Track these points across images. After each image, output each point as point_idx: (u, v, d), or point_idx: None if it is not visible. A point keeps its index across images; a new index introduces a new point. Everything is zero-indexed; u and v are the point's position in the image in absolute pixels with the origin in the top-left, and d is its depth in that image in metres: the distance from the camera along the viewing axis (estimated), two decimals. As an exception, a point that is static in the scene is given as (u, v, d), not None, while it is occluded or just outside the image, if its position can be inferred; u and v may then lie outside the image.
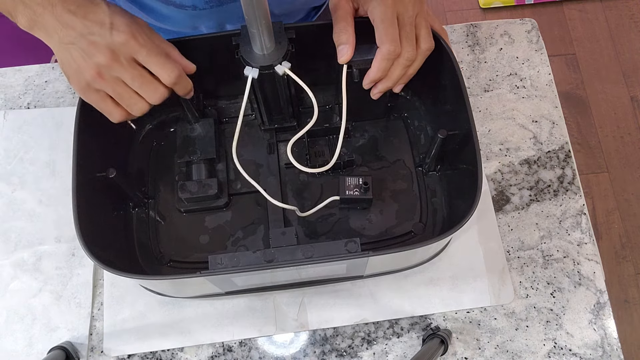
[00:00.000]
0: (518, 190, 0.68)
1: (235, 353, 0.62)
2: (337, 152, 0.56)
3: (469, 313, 0.63)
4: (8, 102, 0.73)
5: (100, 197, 0.57)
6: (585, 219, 0.67)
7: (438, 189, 0.64)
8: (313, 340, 0.62)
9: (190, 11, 0.63)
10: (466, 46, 0.76)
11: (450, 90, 0.58)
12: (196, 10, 0.63)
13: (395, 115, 0.68)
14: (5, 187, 0.68)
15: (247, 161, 0.65)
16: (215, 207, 0.63)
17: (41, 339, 0.62)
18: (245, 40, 0.53)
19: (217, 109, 0.67)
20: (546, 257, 0.65)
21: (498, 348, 0.62)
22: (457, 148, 0.59)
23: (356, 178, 0.61)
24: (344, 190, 0.60)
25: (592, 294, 0.64)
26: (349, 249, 0.49)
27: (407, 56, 0.52)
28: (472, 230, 0.66)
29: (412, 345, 0.62)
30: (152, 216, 0.63)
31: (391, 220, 0.63)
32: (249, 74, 0.53)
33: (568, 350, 0.62)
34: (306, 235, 0.62)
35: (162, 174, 0.65)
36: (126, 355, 0.62)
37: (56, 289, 0.64)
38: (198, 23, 0.66)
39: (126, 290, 0.63)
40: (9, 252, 0.66)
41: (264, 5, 0.47)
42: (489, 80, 0.74)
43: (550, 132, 0.71)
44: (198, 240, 0.62)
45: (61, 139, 0.70)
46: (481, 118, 0.72)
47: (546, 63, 0.74)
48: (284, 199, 0.63)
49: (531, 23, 0.77)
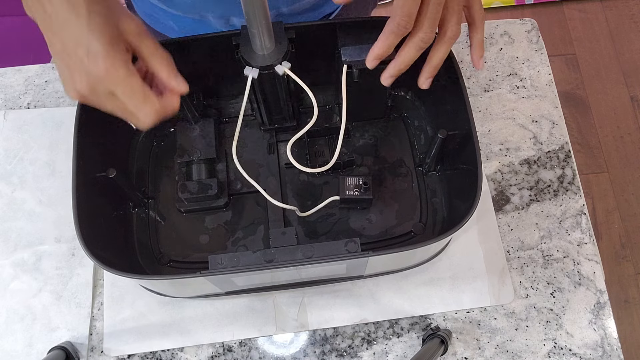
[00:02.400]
0: (518, 190, 0.68)
1: (235, 353, 0.62)
2: (336, 152, 0.56)
3: (469, 313, 0.63)
4: (8, 102, 0.73)
5: (100, 197, 0.57)
6: (585, 219, 0.67)
7: (438, 189, 0.64)
8: (313, 340, 0.62)
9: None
10: (466, 46, 0.76)
11: (450, 90, 0.58)
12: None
13: (395, 115, 0.68)
14: (5, 187, 0.68)
15: (247, 161, 0.65)
16: (215, 207, 0.63)
17: (41, 339, 0.62)
18: (245, 40, 0.53)
19: (217, 109, 0.67)
20: (546, 257, 0.65)
21: (498, 348, 0.62)
22: (457, 148, 0.59)
23: (356, 178, 0.61)
24: (344, 190, 0.60)
25: (592, 294, 0.64)
26: (349, 249, 0.49)
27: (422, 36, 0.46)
28: (472, 230, 0.66)
29: (412, 345, 0.62)
30: (152, 216, 0.63)
31: (391, 220, 0.63)
32: (249, 74, 0.53)
33: (568, 350, 0.62)
34: (306, 235, 0.62)
35: (162, 174, 0.65)
36: (126, 355, 0.62)
37: (56, 289, 0.64)
38: (204, 10, 0.65)
39: (126, 290, 0.63)
40: (9, 252, 0.66)
41: (264, 5, 0.47)
42: (489, 80, 0.74)
43: (550, 132, 0.71)
44: (198, 240, 0.62)
45: (61, 139, 0.70)
46: (481, 118, 0.72)
47: (546, 63, 0.74)
48: (284, 199, 0.63)
49: (531, 23, 0.77)
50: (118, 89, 0.42)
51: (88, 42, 0.41)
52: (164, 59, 0.46)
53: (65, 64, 0.43)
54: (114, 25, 0.43)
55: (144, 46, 0.45)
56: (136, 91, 0.43)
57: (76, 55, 0.42)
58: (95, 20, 0.41)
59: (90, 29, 0.41)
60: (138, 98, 0.43)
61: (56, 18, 0.42)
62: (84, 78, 0.42)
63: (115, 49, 0.42)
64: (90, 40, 0.41)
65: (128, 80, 0.42)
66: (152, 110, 0.44)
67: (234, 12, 0.65)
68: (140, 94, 0.43)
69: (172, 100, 0.47)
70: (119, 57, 0.42)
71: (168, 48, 0.57)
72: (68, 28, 0.42)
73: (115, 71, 0.42)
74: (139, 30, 0.44)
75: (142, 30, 0.45)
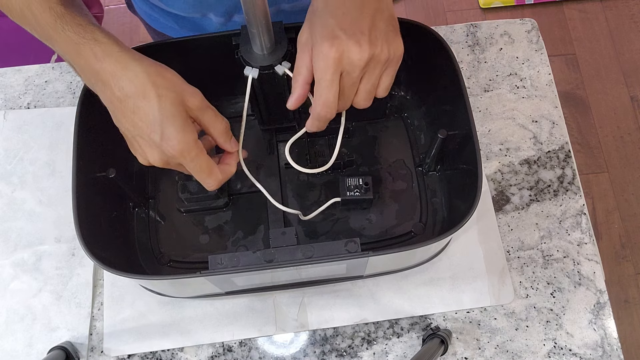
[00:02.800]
0: (518, 190, 0.68)
1: (235, 353, 0.62)
2: (335, 153, 0.56)
3: (469, 313, 0.63)
4: (8, 102, 0.73)
5: (100, 197, 0.57)
6: (585, 219, 0.67)
7: (438, 189, 0.64)
8: (313, 340, 0.62)
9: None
10: (466, 46, 0.76)
11: (450, 90, 0.58)
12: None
13: (395, 115, 0.68)
14: (5, 187, 0.68)
15: (247, 161, 0.65)
16: (215, 207, 0.63)
17: (41, 339, 0.62)
18: (245, 40, 0.53)
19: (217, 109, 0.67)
20: (546, 257, 0.65)
21: (498, 348, 0.62)
22: (457, 148, 0.59)
23: (356, 178, 0.61)
24: (344, 191, 0.60)
25: (592, 294, 0.64)
26: (349, 249, 0.49)
27: (341, 107, 0.49)
28: (472, 230, 0.66)
29: (412, 345, 0.62)
30: (152, 216, 0.63)
31: (391, 220, 0.63)
32: (249, 74, 0.53)
33: (568, 350, 0.62)
34: (306, 235, 0.62)
35: (162, 174, 0.65)
36: (126, 355, 0.62)
37: (56, 289, 0.64)
38: (206, 9, 0.65)
39: (126, 290, 0.63)
40: (9, 252, 0.66)
41: (264, 5, 0.47)
42: (489, 80, 0.74)
43: (550, 132, 0.71)
44: (198, 240, 0.62)
45: (61, 139, 0.70)
46: (481, 118, 0.72)
47: (546, 63, 0.74)
48: (284, 199, 0.63)
49: (531, 23, 0.77)
50: (189, 165, 0.47)
51: (162, 128, 0.44)
52: (221, 127, 0.50)
53: (137, 142, 0.47)
54: (182, 104, 0.46)
55: (206, 117, 0.48)
56: (204, 168, 0.48)
57: (150, 137, 0.45)
58: (166, 105, 0.44)
59: (162, 115, 0.44)
60: (205, 172, 0.48)
61: (127, 103, 0.44)
62: (157, 155, 0.47)
63: (186, 129, 0.45)
64: (164, 126, 0.44)
65: (197, 159, 0.47)
66: (216, 181, 0.50)
67: (235, 10, 0.65)
68: (206, 169, 0.48)
69: (231, 167, 0.52)
70: (190, 138, 0.46)
71: (168, 48, 0.58)
72: (140, 113, 0.44)
73: (188, 152, 0.46)
74: (202, 105, 0.48)
75: (204, 104, 0.48)
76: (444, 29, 0.76)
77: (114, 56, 0.45)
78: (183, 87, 0.47)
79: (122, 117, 0.46)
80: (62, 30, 0.45)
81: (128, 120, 0.45)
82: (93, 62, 0.45)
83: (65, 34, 0.45)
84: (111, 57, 0.45)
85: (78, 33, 0.45)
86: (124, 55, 0.45)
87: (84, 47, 0.45)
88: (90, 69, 0.45)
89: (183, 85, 0.47)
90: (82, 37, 0.45)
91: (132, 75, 0.44)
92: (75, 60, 0.46)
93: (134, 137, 0.47)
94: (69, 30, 0.45)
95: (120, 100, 0.45)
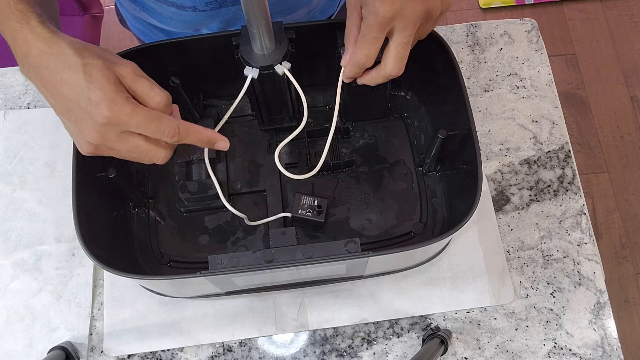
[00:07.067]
0: (518, 190, 0.68)
1: (235, 353, 0.62)
2: (323, 156, 0.55)
3: (469, 313, 0.63)
4: (8, 102, 0.73)
5: (100, 197, 0.57)
6: (585, 219, 0.67)
7: (438, 189, 0.64)
8: (313, 340, 0.62)
9: (190, 12, 0.63)
10: (466, 46, 0.76)
11: (450, 90, 0.58)
12: (196, 11, 0.62)
13: (395, 115, 0.68)
14: (5, 187, 0.68)
15: (247, 161, 0.65)
16: (215, 207, 0.63)
17: (41, 339, 0.62)
18: (245, 40, 0.53)
19: (217, 109, 0.67)
20: (546, 257, 0.65)
21: (498, 348, 0.62)
22: (457, 148, 0.59)
23: (312, 198, 0.60)
24: (297, 208, 0.59)
25: (592, 294, 0.64)
26: (349, 249, 0.49)
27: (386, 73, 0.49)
28: (472, 230, 0.66)
29: (412, 345, 0.62)
30: (152, 216, 0.63)
31: (391, 221, 0.63)
32: (249, 74, 0.53)
33: (568, 350, 0.62)
34: (306, 235, 0.62)
35: (162, 174, 0.65)
36: (126, 355, 0.62)
37: (56, 289, 0.64)
38: (199, 25, 0.66)
39: (126, 290, 0.63)
40: (9, 252, 0.66)
41: (264, 5, 0.47)
42: (489, 80, 0.74)
43: (550, 132, 0.71)
44: (198, 240, 0.62)
45: (61, 139, 0.70)
46: (481, 118, 0.72)
47: (546, 63, 0.74)
48: (284, 199, 0.63)
49: (531, 23, 0.77)
50: (131, 122, 0.42)
51: (88, 92, 0.42)
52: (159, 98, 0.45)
53: (71, 120, 0.44)
54: (110, 71, 0.43)
55: (140, 86, 0.44)
56: (149, 115, 0.43)
57: (79, 107, 0.42)
58: (92, 72, 0.42)
59: (88, 81, 0.42)
60: (153, 119, 0.43)
61: (54, 79, 0.42)
62: (91, 127, 0.43)
63: (114, 90, 0.42)
64: (90, 91, 0.42)
65: (136, 111, 0.42)
66: (174, 125, 0.44)
67: (229, 23, 0.65)
68: (153, 115, 0.43)
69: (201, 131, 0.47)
70: (119, 97, 0.42)
71: (168, 48, 0.58)
72: (67, 85, 0.42)
73: (120, 110, 0.42)
74: (135, 73, 0.45)
75: (138, 72, 0.45)
76: (444, 29, 0.76)
77: (41, 37, 0.43)
78: (113, 58, 0.45)
79: (53, 98, 0.43)
80: (6, 19, 0.44)
81: (59, 98, 0.43)
82: (24, 46, 0.43)
83: (8, 22, 0.44)
84: (39, 38, 0.43)
85: (17, 20, 0.44)
86: (52, 36, 0.43)
87: (18, 33, 0.44)
88: (23, 54, 0.44)
89: (113, 57, 0.45)
90: (19, 22, 0.44)
91: (57, 52, 0.43)
92: (13, 48, 0.45)
93: (67, 115, 0.44)
94: (12, 18, 0.44)
95: (49, 81, 0.43)
